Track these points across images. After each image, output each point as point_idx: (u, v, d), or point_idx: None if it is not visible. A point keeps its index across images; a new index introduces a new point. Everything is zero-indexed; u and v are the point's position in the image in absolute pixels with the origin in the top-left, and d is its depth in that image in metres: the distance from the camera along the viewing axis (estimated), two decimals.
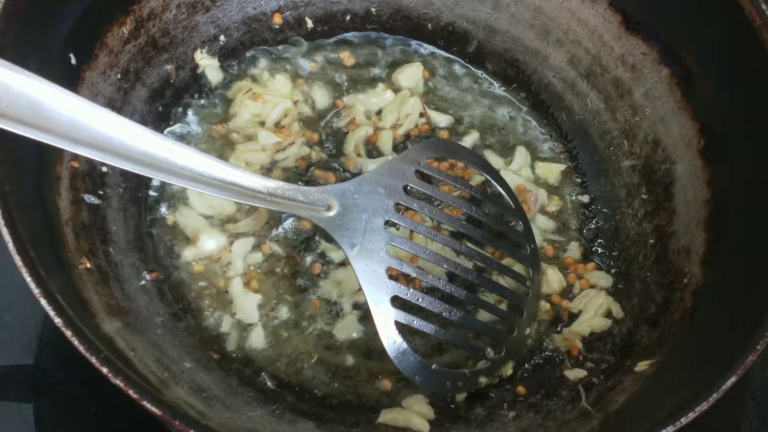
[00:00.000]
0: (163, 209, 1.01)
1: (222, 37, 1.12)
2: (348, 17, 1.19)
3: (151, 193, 1.01)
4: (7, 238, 0.68)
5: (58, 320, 0.66)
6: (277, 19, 1.16)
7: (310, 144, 1.09)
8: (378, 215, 0.89)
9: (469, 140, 1.14)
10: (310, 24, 1.18)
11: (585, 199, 1.12)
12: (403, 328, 0.86)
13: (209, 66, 1.11)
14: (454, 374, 0.91)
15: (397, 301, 0.87)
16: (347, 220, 0.87)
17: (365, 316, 0.96)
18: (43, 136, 0.69)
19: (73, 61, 0.89)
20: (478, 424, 0.90)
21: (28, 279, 0.67)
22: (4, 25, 0.76)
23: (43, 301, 0.67)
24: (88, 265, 0.84)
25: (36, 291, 0.67)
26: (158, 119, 1.06)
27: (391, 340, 0.86)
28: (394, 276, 0.89)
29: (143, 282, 0.93)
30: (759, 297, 0.80)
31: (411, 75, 1.16)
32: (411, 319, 0.87)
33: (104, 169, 0.95)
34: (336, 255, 1.00)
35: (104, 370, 0.65)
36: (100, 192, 0.93)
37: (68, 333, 0.66)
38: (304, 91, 1.13)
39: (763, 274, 0.82)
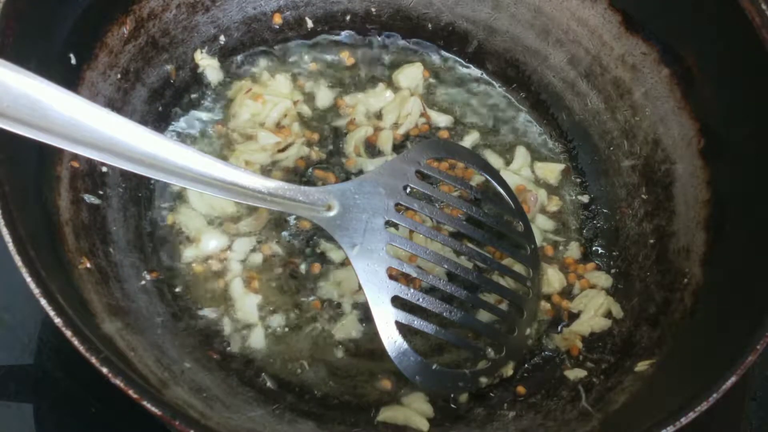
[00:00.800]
0: (163, 209, 1.01)
1: (222, 37, 1.12)
2: (348, 17, 1.19)
3: (151, 193, 1.01)
4: (7, 238, 0.68)
5: (58, 320, 0.66)
6: (277, 19, 1.16)
7: (310, 144, 1.09)
8: (378, 215, 0.89)
9: (469, 140, 1.14)
10: (310, 24, 1.18)
11: (585, 199, 1.12)
12: (403, 328, 0.86)
13: (209, 66, 1.11)
14: (455, 374, 0.91)
15: (397, 301, 0.87)
16: (347, 220, 0.87)
17: (365, 316, 0.96)
18: (43, 136, 0.69)
19: (73, 61, 0.89)
20: (478, 424, 0.90)
21: (28, 279, 0.67)
22: (4, 25, 0.76)
23: (43, 301, 0.67)
24: (88, 265, 0.84)
25: (36, 291, 0.67)
26: (158, 119, 1.05)
27: (391, 340, 0.86)
28: (394, 276, 0.89)
29: (143, 282, 0.93)
30: (759, 297, 0.80)
31: (411, 75, 1.16)
32: (411, 319, 0.87)
33: (104, 169, 0.95)
34: (336, 255, 1.00)
35: (104, 370, 0.65)
36: (100, 192, 0.93)
37: (68, 333, 0.66)
38: (304, 91, 1.13)
39: (763, 274, 0.82)
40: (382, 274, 0.86)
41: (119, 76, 0.98)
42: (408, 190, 0.93)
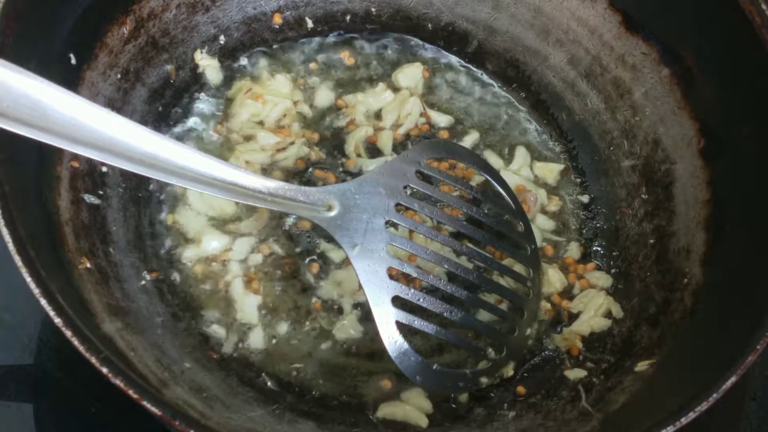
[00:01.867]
0: (163, 209, 1.01)
1: (222, 37, 1.12)
2: (348, 17, 1.19)
3: (151, 193, 1.01)
4: (7, 238, 0.68)
5: (58, 320, 0.66)
6: (277, 19, 1.16)
7: (310, 144, 1.09)
8: (379, 215, 0.89)
9: (469, 140, 1.14)
10: (310, 24, 1.18)
11: (585, 199, 1.12)
12: (403, 328, 0.86)
13: (209, 66, 1.11)
14: (455, 374, 0.91)
15: (397, 301, 0.87)
16: (348, 220, 0.87)
17: (365, 316, 0.96)
18: (43, 136, 0.69)
19: (73, 61, 0.89)
20: (478, 424, 0.90)
21: (28, 279, 0.67)
22: (4, 25, 0.76)
23: (43, 301, 0.67)
24: (88, 265, 0.84)
25: (36, 291, 0.67)
26: (158, 119, 1.05)
27: (392, 340, 0.86)
28: (394, 276, 0.89)
29: (143, 282, 0.93)
30: (759, 297, 0.80)
31: (411, 75, 1.16)
32: (412, 319, 0.87)
33: (104, 169, 0.95)
34: (336, 255, 1.00)
35: (104, 370, 0.65)
36: (100, 192, 0.93)
37: (68, 333, 0.66)
38: (304, 91, 1.13)
39: (763, 274, 0.82)
40: (383, 274, 0.86)
41: (119, 76, 0.98)
42: (408, 190, 0.93)
